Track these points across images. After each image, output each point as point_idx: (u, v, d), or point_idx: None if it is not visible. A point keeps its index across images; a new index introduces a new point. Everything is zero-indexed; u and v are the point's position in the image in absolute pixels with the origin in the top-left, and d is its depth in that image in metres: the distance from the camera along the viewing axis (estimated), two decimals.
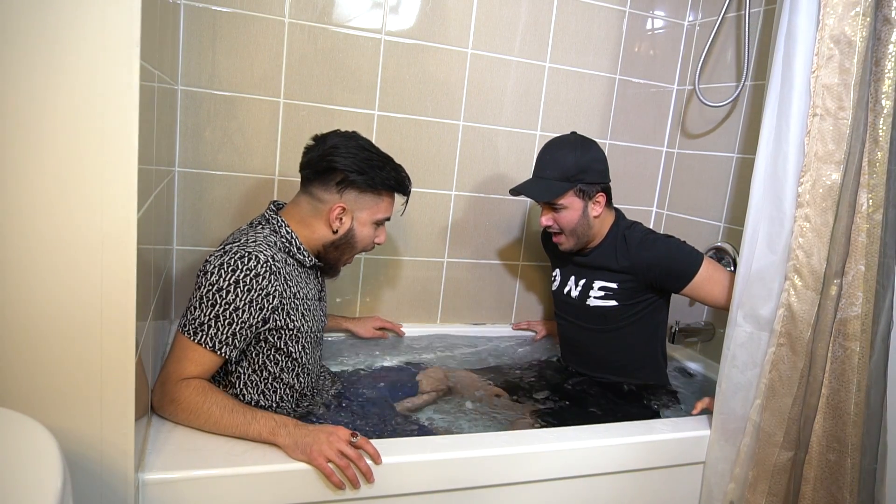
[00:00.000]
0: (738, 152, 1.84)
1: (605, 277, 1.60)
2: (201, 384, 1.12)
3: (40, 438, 0.70)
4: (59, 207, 0.81)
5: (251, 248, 1.15)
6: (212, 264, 1.14)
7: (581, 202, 1.53)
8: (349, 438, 1.08)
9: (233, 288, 1.12)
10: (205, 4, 1.56)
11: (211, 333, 1.12)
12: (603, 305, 1.60)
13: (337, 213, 1.26)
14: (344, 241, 1.30)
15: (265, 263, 1.15)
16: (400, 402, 1.53)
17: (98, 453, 0.89)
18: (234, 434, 1.10)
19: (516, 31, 1.85)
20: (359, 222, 1.29)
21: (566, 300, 1.69)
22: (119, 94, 0.80)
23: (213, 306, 1.12)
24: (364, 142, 1.29)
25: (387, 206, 1.32)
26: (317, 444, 1.05)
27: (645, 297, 1.58)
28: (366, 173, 1.25)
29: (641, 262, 1.53)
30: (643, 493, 1.38)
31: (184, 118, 1.59)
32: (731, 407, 1.33)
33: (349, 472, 1.06)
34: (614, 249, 1.58)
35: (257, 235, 1.21)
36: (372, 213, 1.30)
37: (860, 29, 1.13)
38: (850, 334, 1.18)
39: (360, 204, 1.28)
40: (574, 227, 1.55)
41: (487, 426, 1.47)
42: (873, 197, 1.16)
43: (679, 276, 1.50)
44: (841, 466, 1.19)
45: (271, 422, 1.10)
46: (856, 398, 1.17)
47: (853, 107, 1.14)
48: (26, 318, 0.83)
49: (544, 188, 1.52)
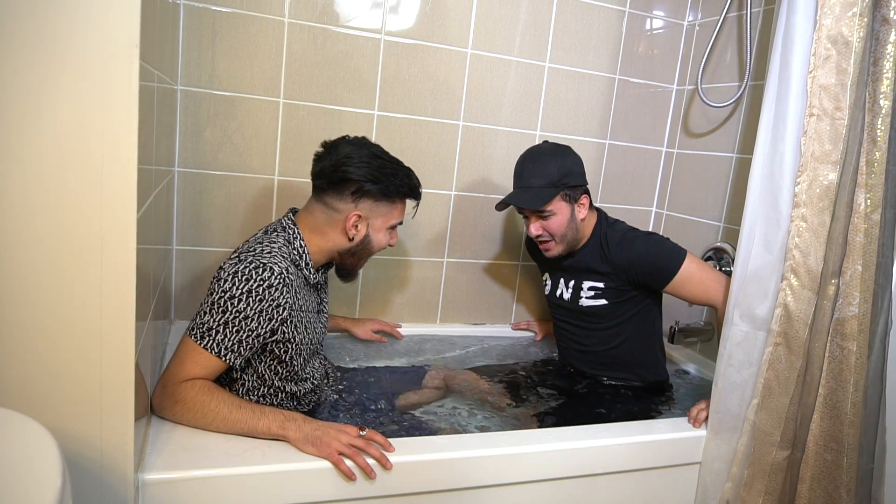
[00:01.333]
0: (738, 152, 1.84)
1: (593, 278, 1.60)
2: (206, 384, 1.13)
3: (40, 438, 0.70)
4: (59, 207, 0.81)
5: (266, 259, 1.16)
6: (226, 272, 1.15)
7: (568, 206, 1.54)
8: (358, 433, 1.10)
9: (245, 297, 1.13)
10: (205, 4, 1.56)
11: (218, 339, 1.13)
12: (595, 305, 1.60)
13: (353, 222, 1.27)
14: (361, 248, 1.32)
15: (279, 275, 1.15)
16: (402, 400, 1.53)
17: (98, 453, 0.89)
18: (243, 430, 1.10)
19: (516, 31, 1.86)
20: (374, 229, 1.31)
21: (559, 303, 1.70)
22: (119, 94, 0.81)
23: (224, 313, 1.13)
24: (375, 149, 1.30)
25: (400, 212, 1.35)
26: (326, 437, 1.07)
27: (633, 295, 1.58)
28: (380, 182, 1.26)
29: (622, 262, 1.54)
30: (640, 493, 1.38)
31: (184, 118, 1.59)
32: (727, 406, 1.33)
33: (360, 459, 1.07)
34: (598, 250, 1.58)
35: (272, 245, 1.22)
36: (386, 220, 1.32)
37: (857, 29, 1.13)
38: (848, 334, 1.18)
39: (375, 212, 1.29)
40: (564, 232, 1.55)
41: (488, 426, 1.47)
42: (871, 197, 1.16)
43: (660, 273, 1.50)
44: (838, 466, 1.20)
45: (280, 416, 1.11)
46: (853, 398, 1.18)
47: (850, 107, 1.14)
48: (26, 318, 0.83)
49: (533, 196, 1.52)
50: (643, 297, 1.59)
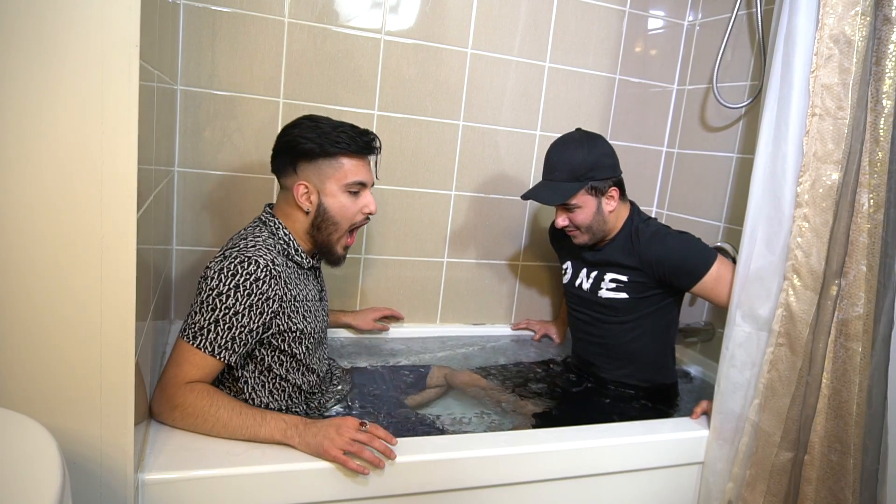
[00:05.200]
0: (738, 152, 1.84)
1: (617, 270, 1.58)
2: (205, 387, 1.12)
3: (40, 439, 0.70)
4: (59, 207, 0.81)
5: (251, 253, 1.15)
6: (212, 269, 1.14)
7: (594, 199, 1.52)
8: (358, 427, 1.09)
9: (233, 293, 1.12)
10: (205, 4, 1.56)
11: (210, 338, 1.11)
12: (614, 297, 1.58)
13: (301, 192, 1.23)
14: (321, 219, 1.25)
15: (265, 268, 1.14)
16: (403, 399, 1.53)
17: (97, 453, 0.89)
18: (244, 436, 1.09)
19: (516, 31, 1.85)
20: (326, 194, 1.24)
21: (577, 292, 1.68)
22: (119, 94, 0.80)
23: (213, 311, 1.11)
24: (321, 118, 1.26)
25: (352, 170, 1.24)
26: (327, 440, 1.07)
27: (655, 292, 1.56)
28: (311, 141, 1.21)
29: (651, 257, 1.52)
30: (642, 493, 1.38)
31: (184, 118, 1.59)
32: (729, 407, 1.33)
33: (366, 454, 1.07)
34: (627, 244, 1.56)
35: (256, 239, 1.20)
36: (337, 181, 1.23)
37: (860, 28, 1.13)
38: (853, 335, 1.18)
39: (319, 175, 1.23)
40: (590, 224, 1.54)
41: (488, 426, 1.47)
42: (875, 197, 1.15)
43: (688, 273, 1.48)
44: (843, 467, 1.19)
45: (281, 423, 1.10)
46: (858, 399, 1.17)
47: (852, 106, 1.14)
48: (26, 318, 0.83)
49: (555, 191, 1.51)
50: (665, 295, 1.57)
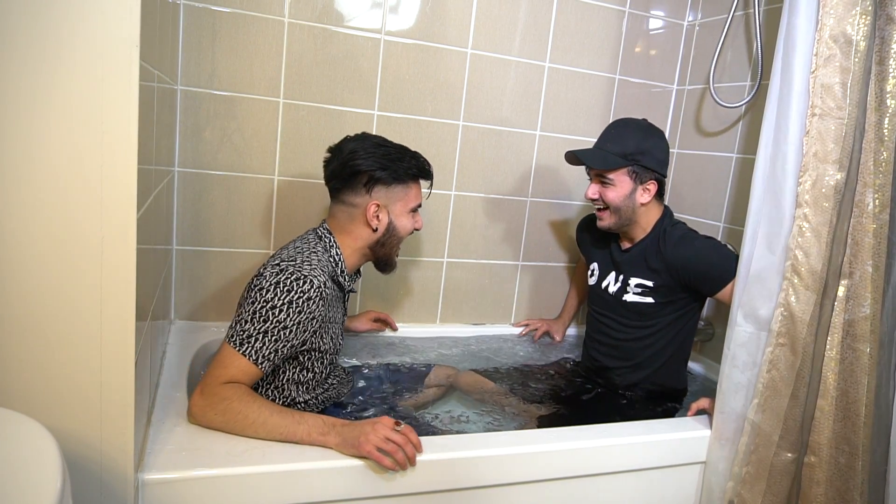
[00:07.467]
0: (739, 152, 1.84)
1: (642, 274, 1.58)
2: (245, 388, 1.15)
3: (40, 438, 0.70)
4: (59, 207, 0.81)
5: (306, 271, 1.19)
6: (267, 280, 1.17)
7: (631, 183, 1.53)
8: (393, 426, 1.11)
9: (286, 308, 1.15)
10: (205, 4, 1.56)
11: (257, 347, 1.14)
12: (640, 302, 1.58)
13: (373, 212, 1.31)
14: (388, 236, 1.36)
15: (318, 288, 1.18)
16: (404, 399, 1.54)
17: (98, 453, 0.89)
18: (282, 435, 1.11)
19: (516, 31, 1.85)
20: (395, 214, 1.34)
21: (603, 295, 1.68)
22: (119, 94, 0.80)
23: (265, 322, 1.15)
24: (378, 139, 1.34)
25: (416, 194, 1.37)
26: (363, 436, 1.09)
27: (681, 296, 1.56)
28: (388, 168, 1.29)
29: (676, 260, 1.51)
30: (643, 493, 1.38)
31: (183, 118, 1.59)
32: (731, 407, 1.33)
33: (398, 455, 1.09)
34: (655, 246, 1.56)
35: (311, 256, 1.24)
36: (405, 204, 1.35)
37: (860, 27, 1.12)
38: (860, 335, 1.17)
39: (391, 198, 1.32)
40: (618, 206, 1.54)
41: (489, 426, 1.47)
42: (880, 197, 1.15)
43: (713, 279, 1.47)
44: (851, 468, 1.18)
45: (320, 423, 1.12)
46: (866, 400, 1.16)
47: (853, 106, 1.14)
48: (26, 318, 0.83)
49: (600, 157, 1.53)
50: (690, 300, 1.57)
